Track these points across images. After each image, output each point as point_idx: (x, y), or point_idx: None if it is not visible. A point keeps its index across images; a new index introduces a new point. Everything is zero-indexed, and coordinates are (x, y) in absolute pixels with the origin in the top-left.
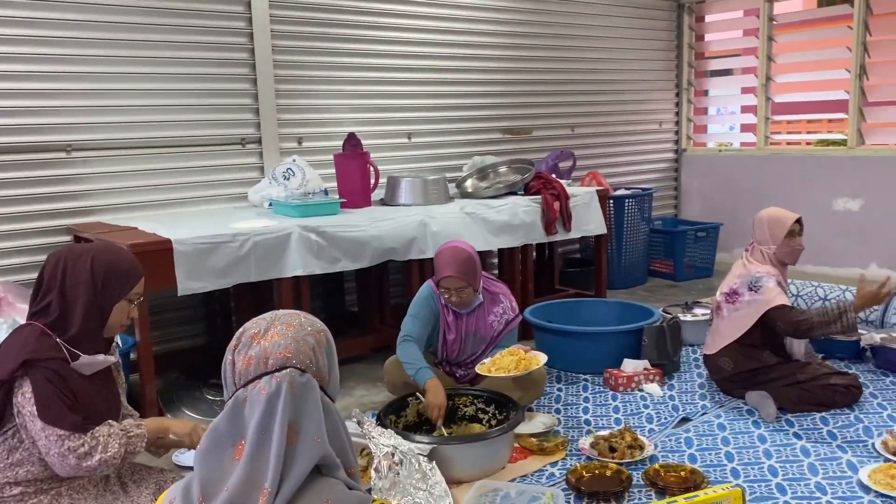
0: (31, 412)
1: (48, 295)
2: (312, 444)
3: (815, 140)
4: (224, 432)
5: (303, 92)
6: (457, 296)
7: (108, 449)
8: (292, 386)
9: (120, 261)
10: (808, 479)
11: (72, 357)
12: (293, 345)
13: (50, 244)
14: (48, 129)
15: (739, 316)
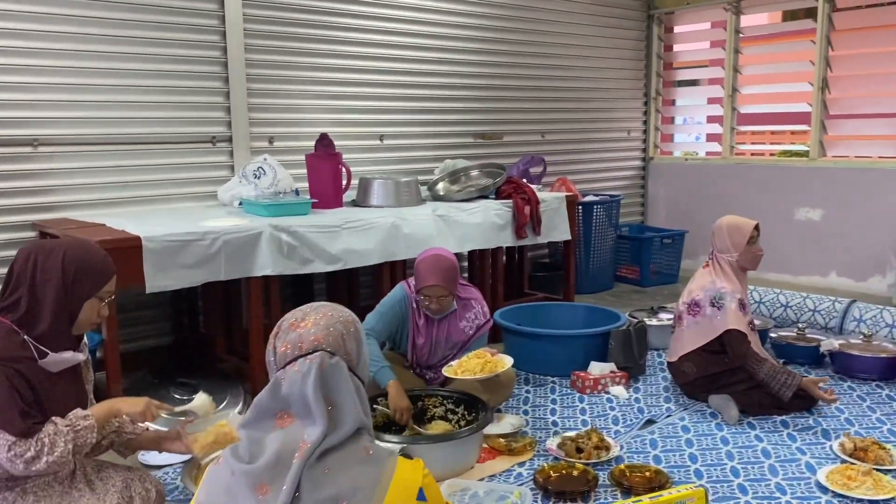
0: None
1: (17, 290)
2: (352, 414)
3: (778, 151)
4: (266, 407)
5: (275, 91)
6: (437, 303)
7: (55, 449)
8: (322, 366)
9: (91, 257)
10: (768, 480)
11: (39, 355)
12: (324, 332)
13: (15, 240)
14: (14, 123)
15: (699, 329)
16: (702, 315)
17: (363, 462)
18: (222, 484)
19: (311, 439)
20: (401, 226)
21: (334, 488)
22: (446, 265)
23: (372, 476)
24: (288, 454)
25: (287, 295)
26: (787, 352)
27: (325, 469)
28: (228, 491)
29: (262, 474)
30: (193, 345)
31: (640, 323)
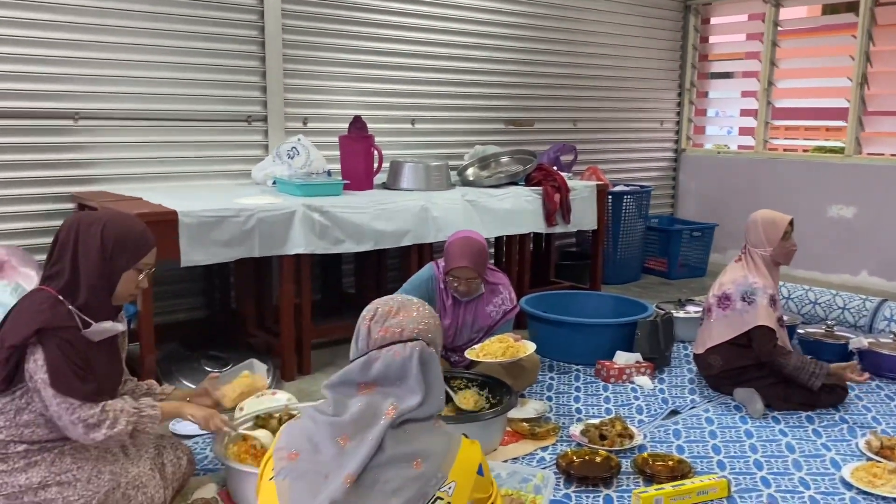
0: (44, 380)
1: (60, 261)
2: (437, 399)
3: (812, 147)
4: (355, 376)
5: (310, 73)
6: (465, 285)
7: (116, 425)
8: (422, 353)
9: (130, 230)
10: (791, 474)
11: (83, 324)
12: (423, 324)
13: (55, 211)
14: (56, 96)
15: (728, 322)
16: (731, 309)
17: (435, 433)
18: (304, 432)
19: (402, 406)
20: (430, 209)
21: (412, 448)
22: (476, 248)
23: (443, 445)
24: (370, 415)
25: (316, 274)
26: (815, 348)
27: (404, 431)
28: (310, 438)
29: (345, 427)
30: (225, 319)
31: (667, 314)
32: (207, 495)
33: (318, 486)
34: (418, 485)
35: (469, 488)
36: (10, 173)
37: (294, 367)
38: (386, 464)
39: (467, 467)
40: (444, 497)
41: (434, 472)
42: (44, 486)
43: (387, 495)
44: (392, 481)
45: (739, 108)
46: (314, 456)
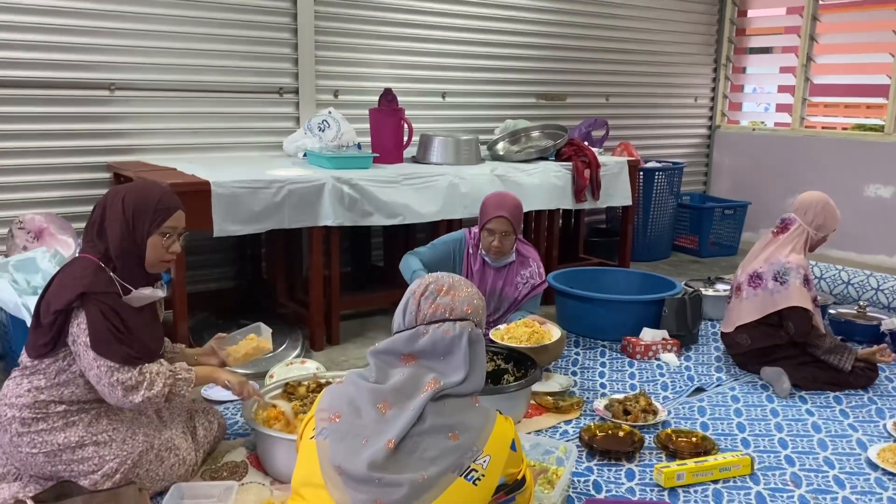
0: (85, 342)
1: (91, 230)
2: (480, 374)
3: (851, 124)
4: (399, 347)
5: (341, 45)
6: (499, 241)
7: (153, 387)
8: (471, 334)
9: (148, 197)
10: (816, 454)
11: (123, 290)
12: (472, 305)
13: (91, 180)
14: (93, 67)
15: (758, 301)
16: (762, 288)
17: (473, 408)
18: (345, 396)
19: (444, 381)
20: (458, 185)
21: (451, 420)
22: (513, 202)
23: (480, 420)
24: (411, 385)
25: (345, 247)
26: (846, 329)
27: (443, 405)
28: (351, 402)
29: (386, 394)
30: (255, 289)
31: (695, 292)
32: (237, 459)
33: (357, 447)
34: (455, 455)
35: (503, 463)
36: (48, 142)
37: (323, 337)
38: (426, 433)
39: (502, 443)
40: (478, 469)
41: (470, 445)
42: (81, 446)
43: (425, 462)
44: (430, 450)
45: (777, 85)
46: (355, 419)
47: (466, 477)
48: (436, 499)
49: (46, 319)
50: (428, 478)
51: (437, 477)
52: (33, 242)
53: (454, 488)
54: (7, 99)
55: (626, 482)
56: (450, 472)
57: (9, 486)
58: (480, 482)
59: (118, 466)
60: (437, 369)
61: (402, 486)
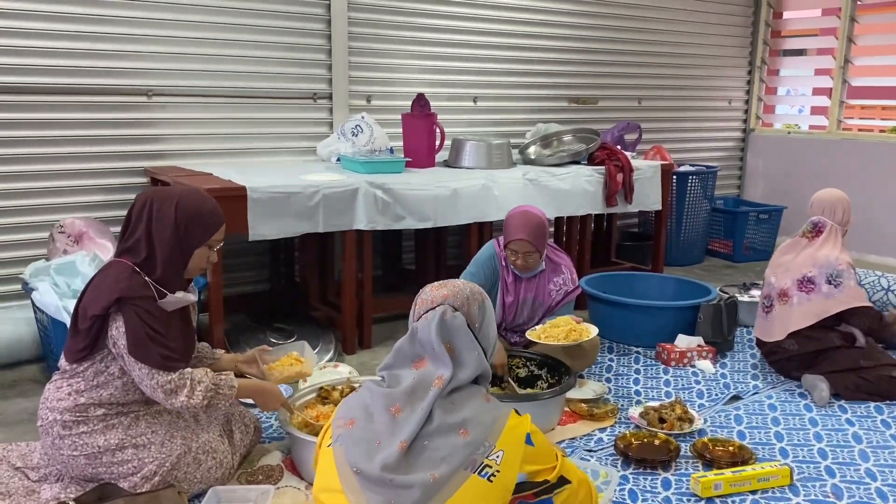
0: (124, 346)
1: (134, 234)
2: (473, 358)
3: (889, 127)
4: (406, 352)
5: (374, 50)
6: (523, 259)
7: (194, 396)
8: (444, 316)
9: (203, 208)
10: (858, 465)
11: (159, 295)
12: (451, 291)
13: (128, 185)
14: (130, 74)
15: (814, 306)
16: (816, 292)
17: (484, 404)
18: (360, 403)
19: (445, 376)
20: (491, 188)
21: (460, 416)
22: (535, 222)
23: (491, 415)
24: (423, 386)
25: (377, 250)
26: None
27: (452, 402)
28: (366, 408)
29: (398, 397)
30: (289, 293)
31: (731, 298)
32: (272, 462)
33: (371, 451)
34: (466, 452)
35: (518, 458)
36: (86, 148)
37: (355, 340)
38: (434, 433)
39: (514, 437)
40: (492, 465)
41: (481, 441)
42: (121, 448)
43: (435, 462)
44: (440, 449)
45: (812, 87)
46: (368, 424)
47: (480, 473)
48: (449, 497)
49: (84, 325)
50: (440, 478)
51: (448, 476)
52: (73, 246)
53: (468, 486)
54: (47, 105)
55: (663, 491)
56: (462, 469)
57: (50, 486)
58: (496, 478)
59: (157, 469)
60: (440, 365)
61: (414, 489)
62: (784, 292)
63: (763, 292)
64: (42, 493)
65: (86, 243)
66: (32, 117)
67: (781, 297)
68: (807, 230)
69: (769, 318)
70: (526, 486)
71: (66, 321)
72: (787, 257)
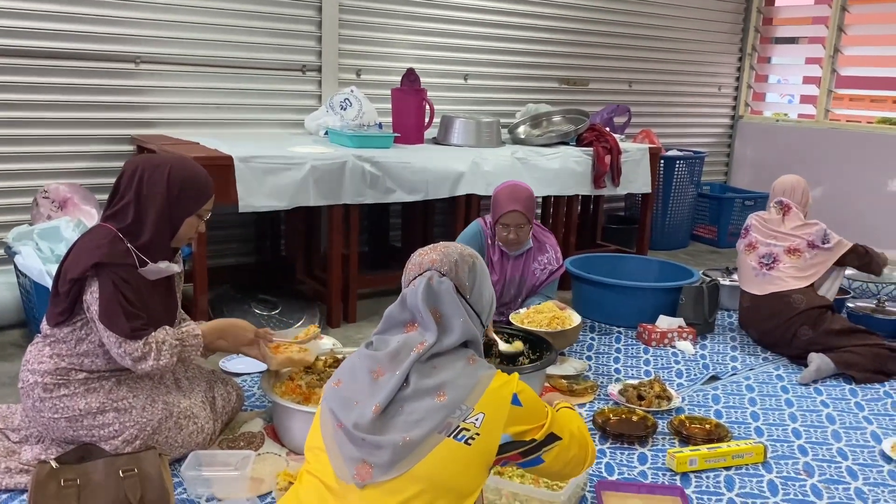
0: (96, 311)
1: (123, 200)
2: (459, 324)
3: (876, 118)
4: (396, 317)
5: (365, 24)
6: (515, 233)
7: (161, 357)
8: (431, 281)
9: (195, 176)
10: (830, 444)
11: (140, 263)
12: (439, 256)
13: (114, 152)
14: (119, 40)
15: (818, 260)
16: (819, 249)
17: (466, 366)
18: (349, 364)
19: (428, 342)
20: (481, 164)
21: (437, 380)
22: (525, 194)
23: (472, 377)
24: (405, 350)
25: (364, 226)
26: (864, 323)
27: (433, 366)
28: (352, 370)
29: (381, 360)
30: (274, 265)
31: (713, 281)
32: (254, 430)
33: (349, 409)
34: (441, 415)
35: (502, 420)
36: (73, 113)
37: (340, 314)
38: (410, 397)
39: (497, 398)
40: (470, 428)
41: (457, 404)
42: (102, 411)
43: (409, 425)
44: (415, 413)
45: (802, 76)
46: (352, 385)
47: (456, 437)
48: (421, 460)
49: (63, 288)
50: (410, 440)
51: (421, 439)
52: (57, 212)
53: (441, 449)
54: (33, 69)
55: (639, 466)
56: (436, 432)
57: (31, 447)
58: (475, 441)
59: (138, 433)
60: (426, 329)
61: (385, 449)
62: (794, 249)
63: (760, 252)
64: (23, 454)
65: (70, 209)
66: (18, 80)
67: (792, 253)
68: (776, 208)
69: (772, 273)
70: (511, 447)
71: (48, 286)
72: (774, 227)
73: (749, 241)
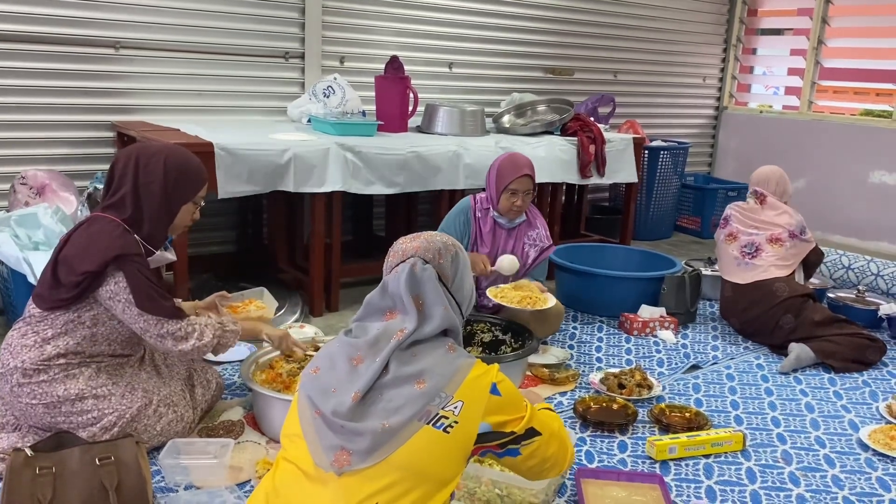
0: (128, 300)
1: (120, 190)
2: (440, 311)
3: (859, 110)
4: (376, 305)
5: (349, 10)
6: (522, 199)
7: (203, 337)
8: (414, 268)
9: (190, 164)
10: (808, 433)
11: (147, 252)
12: (423, 244)
13: (94, 138)
14: (98, 24)
15: (798, 251)
16: (798, 240)
17: (445, 354)
18: (327, 352)
19: (407, 329)
20: (462, 155)
21: (417, 367)
22: (527, 160)
23: (451, 366)
24: (385, 337)
25: (347, 215)
26: (844, 313)
27: (412, 354)
28: (330, 358)
29: (360, 347)
30: (256, 254)
31: (695, 271)
32: (234, 418)
33: (327, 396)
34: (421, 403)
35: (480, 408)
36: (51, 99)
37: (322, 303)
38: (389, 384)
39: (476, 387)
40: (448, 416)
41: (437, 391)
42: (80, 398)
43: (388, 412)
44: (394, 400)
45: (787, 67)
46: (331, 372)
47: (435, 425)
48: (400, 447)
49: (71, 278)
50: (389, 427)
51: (400, 426)
52: (35, 198)
53: (420, 436)
54: (11, 54)
55: (619, 454)
56: (415, 420)
57: (7, 435)
58: (454, 429)
59: (116, 420)
60: (407, 317)
61: (364, 436)
62: (776, 238)
63: (741, 241)
64: None
65: (48, 196)
66: None
67: (774, 242)
68: (752, 198)
69: (754, 261)
70: (490, 437)
71: (27, 273)
72: (754, 216)
73: (729, 230)
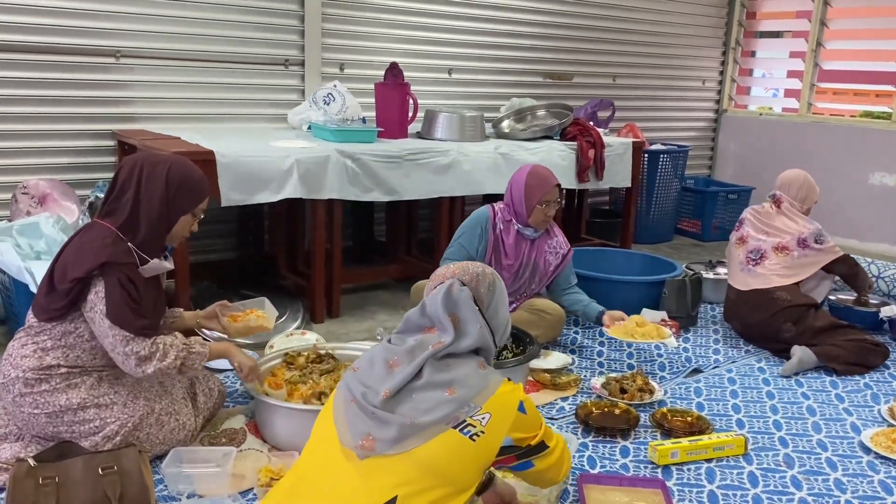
0: (102, 311)
1: (121, 197)
2: (475, 329)
3: (859, 112)
4: (415, 322)
5: (348, 17)
6: (553, 209)
7: (166, 358)
8: (451, 288)
9: (192, 175)
10: (810, 436)
11: (140, 261)
12: (461, 269)
13: (95, 147)
14: (99, 34)
15: (808, 261)
16: (810, 249)
17: (476, 370)
18: (368, 356)
19: (445, 341)
20: (461, 162)
21: (449, 376)
22: (550, 171)
23: (483, 379)
24: (422, 347)
25: (348, 221)
26: (845, 315)
27: (446, 364)
28: (370, 360)
29: (398, 353)
30: (257, 261)
31: (696, 275)
32: (236, 426)
33: (359, 392)
34: (450, 408)
35: (507, 423)
36: (52, 108)
37: (323, 310)
38: (421, 388)
39: (505, 402)
40: (476, 425)
41: (466, 400)
42: (83, 408)
43: (417, 412)
44: (425, 402)
45: (787, 70)
46: (369, 371)
47: (462, 430)
48: (423, 444)
49: (63, 286)
50: (416, 423)
51: (427, 425)
52: (37, 208)
53: (445, 438)
54: (13, 64)
55: (621, 458)
56: (443, 423)
57: (10, 446)
58: (480, 438)
59: (119, 429)
60: (444, 333)
61: (392, 425)
62: (783, 247)
63: (749, 247)
64: (1, 453)
65: (50, 205)
66: None
67: (780, 251)
68: (769, 202)
69: (757, 269)
70: (509, 450)
71: (28, 283)
72: (768, 220)
73: (741, 234)
